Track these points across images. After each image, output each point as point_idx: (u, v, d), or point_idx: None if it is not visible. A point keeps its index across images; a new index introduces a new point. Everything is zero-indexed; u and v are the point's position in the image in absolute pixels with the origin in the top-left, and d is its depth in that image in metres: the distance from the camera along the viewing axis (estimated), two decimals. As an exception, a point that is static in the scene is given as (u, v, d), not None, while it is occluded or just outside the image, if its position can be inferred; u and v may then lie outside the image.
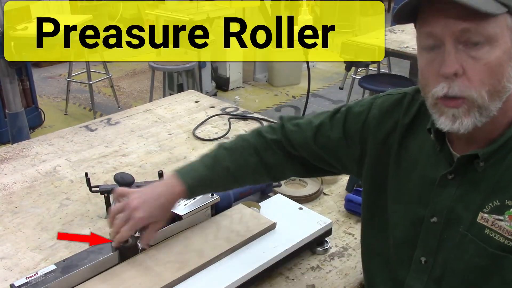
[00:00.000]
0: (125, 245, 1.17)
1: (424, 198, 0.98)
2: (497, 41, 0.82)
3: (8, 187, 1.65)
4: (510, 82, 0.84)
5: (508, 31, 0.83)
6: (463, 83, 0.83)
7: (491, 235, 0.89)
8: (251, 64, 5.51)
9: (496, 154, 0.89)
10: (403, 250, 1.03)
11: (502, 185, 0.88)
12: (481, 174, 0.91)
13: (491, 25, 0.81)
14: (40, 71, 5.83)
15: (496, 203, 0.88)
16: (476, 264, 0.92)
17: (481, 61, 0.82)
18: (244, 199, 1.44)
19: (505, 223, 0.88)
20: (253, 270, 1.16)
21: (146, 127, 2.08)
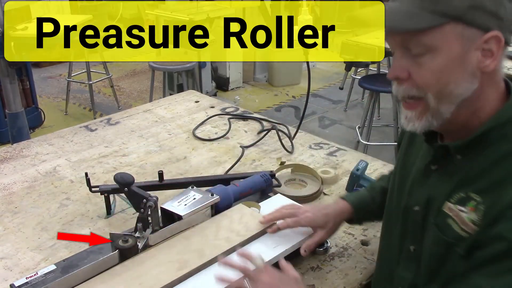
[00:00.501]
0: (125, 245, 1.17)
1: (413, 187, 1.05)
2: (437, 50, 0.86)
3: (8, 187, 1.65)
4: (460, 87, 0.88)
5: (456, 38, 0.86)
6: (407, 87, 0.91)
7: (451, 225, 0.93)
8: (251, 64, 5.51)
9: (472, 148, 0.93)
10: (398, 243, 1.09)
11: (470, 178, 0.92)
12: (457, 167, 0.95)
13: (427, 36, 0.86)
14: (40, 71, 5.83)
15: (462, 194, 0.92)
16: (436, 252, 0.97)
17: (424, 66, 0.88)
18: (244, 199, 1.44)
19: (465, 214, 0.91)
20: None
21: (146, 127, 2.08)
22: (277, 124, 2.06)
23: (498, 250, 0.85)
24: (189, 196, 1.33)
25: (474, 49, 0.86)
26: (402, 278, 1.07)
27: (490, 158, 0.90)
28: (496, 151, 0.90)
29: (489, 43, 0.86)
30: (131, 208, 1.48)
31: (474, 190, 0.91)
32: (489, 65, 0.87)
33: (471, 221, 0.90)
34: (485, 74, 0.88)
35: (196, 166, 1.77)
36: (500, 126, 0.90)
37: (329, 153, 1.87)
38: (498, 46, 0.86)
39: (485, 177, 0.90)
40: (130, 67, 6.09)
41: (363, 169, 1.56)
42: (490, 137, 0.91)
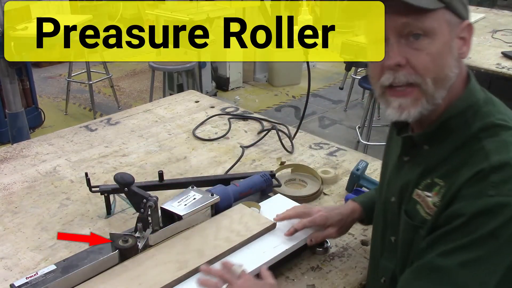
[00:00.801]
0: (125, 245, 1.17)
1: (390, 180, 1.09)
2: (436, 34, 0.89)
3: (8, 187, 1.65)
4: (451, 71, 0.92)
5: (446, 25, 0.90)
6: (408, 72, 0.91)
7: (418, 210, 0.97)
8: (251, 64, 5.51)
9: (436, 138, 0.96)
10: (380, 233, 1.13)
11: (435, 165, 0.96)
12: (425, 156, 0.98)
13: (428, 19, 0.88)
14: (40, 71, 5.83)
15: (428, 180, 0.96)
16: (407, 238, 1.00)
17: (423, 51, 0.90)
18: (244, 199, 1.44)
19: (430, 198, 0.95)
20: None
21: (146, 127, 2.08)
22: (277, 124, 2.06)
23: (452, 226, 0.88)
24: (189, 196, 1.33)
25: (455, 36, 0.92)
26: (385, 268, 1.10)
27: (452, 145, 0.94)
28: (457, 138, 0.94)
29: (464, 31, 0.93)
30: (131, 208, 1.48)
31: (437, 175, 0.94)
32: (465, 52, 0.94)
33: (433, 204, 0.94)
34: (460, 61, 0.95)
35: (196, 166, 1.77)
36: (461, 113, 0.94)
37: (329, 153, 1.87)
38: (470, 34, 0.93)
39: (447, 162, 0.94)
40: (130, 67, 6.09)
41: (363, 169, 1.56)
42: (451, 125, 0.94)
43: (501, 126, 0.91)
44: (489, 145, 0.89)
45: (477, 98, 0.95)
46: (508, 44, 3.16)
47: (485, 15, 3.92)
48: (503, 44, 3.16)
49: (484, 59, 2.91)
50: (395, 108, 0.94)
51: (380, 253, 1.13)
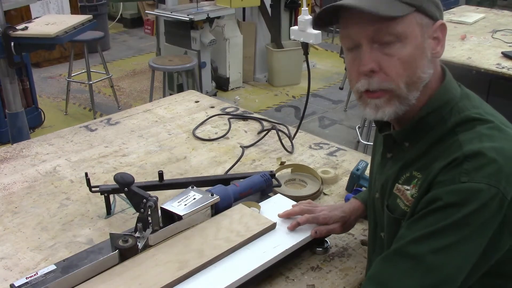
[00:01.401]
0: (125, 245, 1.17)
1: (375, 177, 1.12)
2: (407, 38, 0.92)
3: (8, 187, 1.65)
4: (424, 72, 0.95)
5: (417, 27, 0.93)
6: (380, 78, 0.94)
7: (399, 204, 0.99)
8: (251, 64, 5.51)
9: (415, 135, 0.99)
10: (372, 230, 1.15)
11: (413, 159, 0.98)
12: (407, 154, 1.01)
13: (399, 25, 0.91)
14: (40, 71, 5.83)
15: (407, 174, 0.98)
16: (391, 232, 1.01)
17: (394, 57, 0.92)
18: (244, 199, 1.44)
19: (409, 191, 0.97)
20: (253, 270, 1.16)
21: (146, 127, 2.08)
22: (277, 124, 2.06)
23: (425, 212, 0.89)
24: (189, 196, 1.33)
25: (428, 37, 0.94)
26: None
27: (429, 141, 0.96)
28: (434, 134, 0.96)
29: (437, 31, 0.95)
30: (131, 208, 1.48)
31: (415, 168, 0.97)
32: (439, 51, 0.96)
33: (411, 196, 0.96)
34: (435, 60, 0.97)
35: (196, 166, 1.77)
36: (437, 109, 0.96)
37: (329, 153, 1.87)
38: (443, 33, 0.95)
39: (424, 156, 0.96)
40: (130, 67, 6.09)
41: (363, 169, 1.56)
42: (429, 122, 0.97)
43: (476, 119, 0.94)
44: (463, 137, 0.92)
45: (453, 94, 0.98)
46: (508, 44, 3.16)
47: (485, 15, 3.91)
48: (503, 44, 3.16)
49: (484, 59, 2.91)
50: (371, 108, 0.97)
51: (372, 249, 1.16)
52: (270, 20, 5.31)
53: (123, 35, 7.49)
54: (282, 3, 5.43)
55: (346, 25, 0.96)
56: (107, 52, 6.39)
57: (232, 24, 5.07)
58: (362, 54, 0.94)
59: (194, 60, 4.31)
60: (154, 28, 5.50)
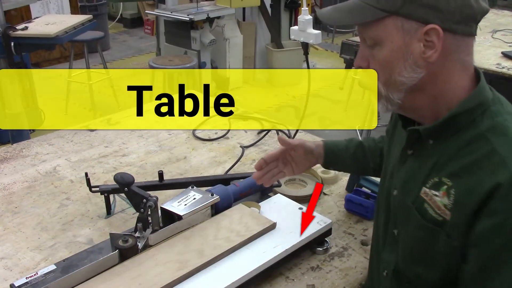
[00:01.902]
0: (125, 245, 1.17)
1: (393, 173, 1.10)
2: (384, 41, 0.94)
3: (8, 187, 1.65)
4: (402, 76, 0.95)
5: (397, 31, 0.92)
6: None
7: (427, 209, 0.97)
8: (251, 64, 5.51)
9: (441, 133, 0.97)
10: (383, 226, 1.12)
11: (442, 163, 0.96)
12: (430, 151, 0.99)
13: (372, 29, 0.94)
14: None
15: (436, 179, 0.96)
16: (419, 236, 0.99)
17: (375, 58, 0.97)
18: (244, 199, 1.44)
19: (438, 198, 0.94)
20: (253, 270, 1.16)
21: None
22: (277, 124, 2.06)
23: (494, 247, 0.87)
24: (189, 196, 1.33)
25: (416, 41, 0.92)
26: (387, 261, 1.09)
27: (458, 143, 0.94)
28: (464, 136, 0.94)
29: (430, 35, 0.91)
30: (131, 208, 1.48)
31: (445, 174, 0.94)
32: (432, 56, 0.92)
33: (444, 206, 0.93)
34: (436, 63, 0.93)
35: (196, 166, 1.77)
36: (469, 111, 0.94)
37: (329, 153, 1.86)
38: (438, 37, 0.91)
39: (454, 161, 0.94)
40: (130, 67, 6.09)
41: (363, 169, 1.56)
42: (459, 122, 0.95)
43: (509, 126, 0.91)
44: (501, 148, 0.89)
45: (486, 97, 0.95)
46: (508, 44, 3.16)
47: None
48: (503, 44, 3.16)
49: (484, 59, 2.91)
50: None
51: (382, 246, 1.13)
52: (270, 20, 5.31)
53: (123, 35, 7.49)
54: (282, 3, 5.43)
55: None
56: (107, 52, 6.39)
57: (232, 24, 5.07)
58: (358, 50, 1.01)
59: (194, 60, 4.31)
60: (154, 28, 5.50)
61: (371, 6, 0.92)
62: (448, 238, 0.93)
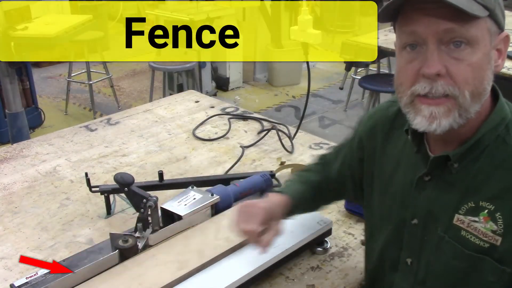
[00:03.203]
0: (125, 245, 1.17)
1: (405, 200, 1.00)
2: (478, 44, 0.82)
3: (8, 187, 1.65)
4: (489, 84, 0.86)
5: (488, 34, 0.84)
6: (446, 83, 0.83)
7: (467, 237, 0.90)
8: (251, 64, 5.51)
9: (468, 155, 0.90)
10: (390, 252, 1.05)
11: (476, 186, 0.89)
12: (456, 176, 0.91)
13: (473, 27, 0.82)
14: (40, 71, 5.83)
15: (471, 204, 0.89)
16: (455, 266, 0.92)
17: (464, 62, 0.82)
18: (244, 199, 1.44)
19: (480, 224, 0.88)
20: (253, 270, 1.16)
21: (146, 127, 2.08)
22: (277, 124, 2.06)
23: None
24: (189, 196, 1.33)
25: (494, 47, 0.86)
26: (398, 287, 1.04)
27: (490, 163, 0.88)
28: (493, 154, 0.88)
29: (501, 42, 0.87)
30: (131, 208, 1.48)
31: (483, 198, 0.88)
32: (500, 65, 0.87)
33: (491, 231, 0.87)
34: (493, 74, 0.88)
35: (196, 166, 1.77)
36: (493, 129, 0.89)
37: (329, 153, 1.87)
38: (506, 46, 0.87)
39: (491, 183, 0.88)
40: (130, 67, 6.08)
41: (363, 169, 1.56)
42: (484, 140, 0.89)
43: None
44: None
45: (507, 110, 0.91)
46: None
47: (485, 15, 3.91)
48: (503, 44, 3.16)
49: (484, 59, 2.90)
50: (425, 117, 0.85)
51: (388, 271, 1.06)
52: (270, 20, 5.31)
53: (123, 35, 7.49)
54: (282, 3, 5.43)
55: (412, 19, 0.84)
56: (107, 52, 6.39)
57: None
58: (428, 54, 0.83)
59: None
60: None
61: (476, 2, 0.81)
62: (499, 265, 0.87)
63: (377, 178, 1.08)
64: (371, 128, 1.11)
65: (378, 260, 1.10)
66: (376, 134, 1.09)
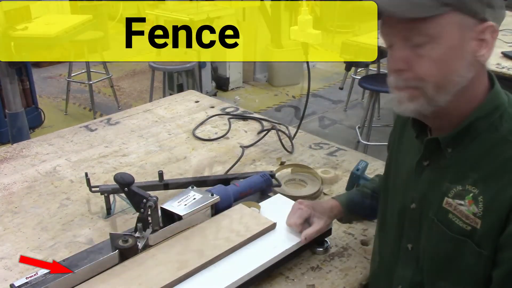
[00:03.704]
0: (125, 245, 1.17)
1: (407, 185, 1.05)
2: (441, 38, 0.87)
3: (8, 187, 1.65)
4: (459, 76, 0.89)
5: (455, 27, 0.87)
6: (408, 77, 0.91)
7: (453, 219, 0.94)
8: (251, 64, 5.51)
9: (460, 141, 0.94)
10: (395, 242, 1.09)
11: (464, 171, 0.93)
12: (449, 161, 0.96)
13: (432, 24, 0.86)
14: (40, 71, 5.83)
15: (459, 188, 0.93)
16: (441, 248, 0.96)
17: (425, 57, 0.88)
18: (244, 199, 1.44)
19: (464, 207, 0.92)
20: (253, 270, 1.16)
21: (146, 127, 2.08)
22: (277, 124, 2.06)
23: None
24: (189, 196, 1.33)
25: (471, 39, 0.88)
26: (402, 276, 1.07)
27: (479, 149, 0.92)
28: (484, 141, 0.91)
29: (485, 33, 0.88)
30: (131, 208, 1.48)
31: (469, 182, 0.92)
32: (484, 55, 0.90)
33: (473, 214, 0.90)
34: (479, 64, 0.90)
35: (196, 166, 1.77)
36: (486, 116, 0.92)
37: (329, 153, 1.87)
38: (492, 36, 0.89)
39: (477, 168, 0.91)
40: (130, 67, 6.09)
41: (363, 169, 1.56)
42: (477, 127, 0.92)
43: None
44: None
45: (503, 99, 0.93)
46: (508, 44, 3.16)
47: (485, 15, 3.91)
48: (503, 44, 3.16)
49: (484, 59, 2.90)
50: (395, 101, 0.95)
51: (393, 261, 1.09)
52: (270, 20, 5.31)
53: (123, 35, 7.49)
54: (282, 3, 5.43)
55: (382, 24, 0.93)
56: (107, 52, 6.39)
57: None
58: (393, 51, 0.92)
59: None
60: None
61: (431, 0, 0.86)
62: (477, 248, 0.90)
63: (394, 166, 1.14)
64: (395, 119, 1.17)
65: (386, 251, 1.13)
66: (396, 124, 1.15)
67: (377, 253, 1.20)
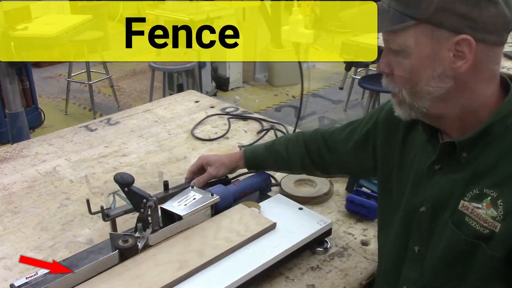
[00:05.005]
0: (125, 245, 1.17)
1: (416, 188, 1.05)
2: (411, 50, 0.91)
3: (8, 187, 1.65)
4: (429, 85, 0.92)
5: (426, 39, 0.89)
6: (388, 81, 0.98)
7: (469, 222, 0.93)
8: (251, 64, 5.51)
9: (476, 144, 0.94)
10: (400, 243, 1.09)
11: (481, 174, 0.93)
12: (464, 164, 0.95)
13: (400, 37, 0.91)
14: (40, 71, 5.83)
15: (476, 191, 0.93)
16: (451, 250, 0.96)
17: (400, 65, 0.94)
18: (244, 199, 1.44)
19: (482, 210, 0.91)
20: (253, 270, 1.16)
21: (146, 127, 2.08)
22: (275, 124, 2.06)
23: None
24: (189, 196, 1.33)
25: (446, 50, 0.89)
26: (408, 278, 1.06)
27: (497, 152, 0.91)
28: (501, 144, 0.91)
29: (461, 45, 0.87)
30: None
31: (487, 185, 0.91)
32: (461, 66, 0.89)
33: (491, 217, 0.89)
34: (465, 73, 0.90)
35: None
36: (502, 120, 0.92)
37: (329, 153, 1.86)
38: (470, 48, 0.87)
39: (496, 171, 0.91)
40: (130, 67, 6.09)
41: (363, 169, 1.55)
42: (493, 131, 0.92)
43: None
44: None
45: None
46: (508, 44, 3.16)
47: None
48: (503, 44, 3.16)
49: (484, 59, 2.90)
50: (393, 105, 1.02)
51: (398, 262, 1.09)
52: (270, 20, 5.31)
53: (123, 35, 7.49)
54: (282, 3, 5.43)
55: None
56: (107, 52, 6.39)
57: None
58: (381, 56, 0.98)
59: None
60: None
61: (400, 13, 0.89)
62: (490, 251, 0.90)
63: (397, 167, 1.13)
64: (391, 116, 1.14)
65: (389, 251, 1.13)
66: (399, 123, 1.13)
67: (380, 251, 1.21)
